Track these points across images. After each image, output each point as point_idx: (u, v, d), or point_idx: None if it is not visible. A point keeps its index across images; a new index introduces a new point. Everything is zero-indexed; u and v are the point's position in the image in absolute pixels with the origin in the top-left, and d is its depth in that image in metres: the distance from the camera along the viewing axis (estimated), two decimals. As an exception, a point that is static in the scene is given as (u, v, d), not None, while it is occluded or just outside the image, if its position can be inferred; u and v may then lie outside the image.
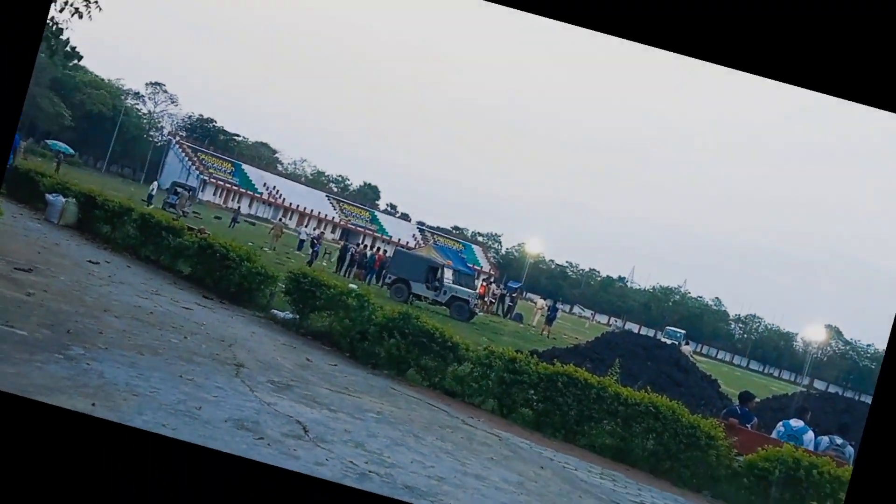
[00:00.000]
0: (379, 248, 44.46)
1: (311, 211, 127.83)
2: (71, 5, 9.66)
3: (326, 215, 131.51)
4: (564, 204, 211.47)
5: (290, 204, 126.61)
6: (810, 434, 11.42)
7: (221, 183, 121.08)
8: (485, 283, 49.30)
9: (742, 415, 12.07)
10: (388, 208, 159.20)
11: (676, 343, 46.21)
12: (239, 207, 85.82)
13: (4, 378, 5.87)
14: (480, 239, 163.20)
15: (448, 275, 33.29)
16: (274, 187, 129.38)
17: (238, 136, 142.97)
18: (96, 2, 9.88)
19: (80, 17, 9.71)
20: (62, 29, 9.83)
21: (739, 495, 9.91)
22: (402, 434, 8.03)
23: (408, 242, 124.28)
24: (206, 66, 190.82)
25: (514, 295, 49.20)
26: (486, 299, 42.70)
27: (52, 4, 9.62)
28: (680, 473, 10.14)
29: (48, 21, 9.67)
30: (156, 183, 54.81)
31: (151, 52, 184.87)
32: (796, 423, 11.65)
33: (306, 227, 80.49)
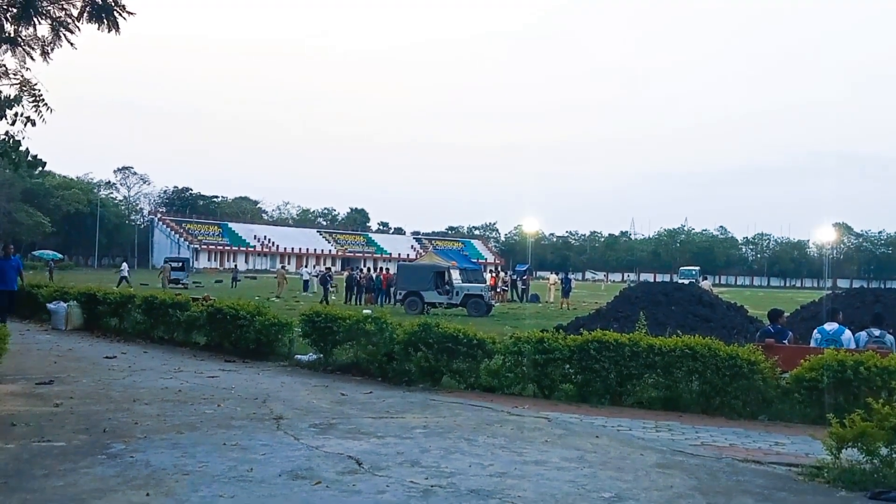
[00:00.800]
0: (382, 268, 44.43)
1: (307, 250, 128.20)
2: (22, 115, 9.63)
3: (322, 250, 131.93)
4: (547, 175, 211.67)
5: (285, 248, 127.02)
6: (847, 333, 11.43)
7: (213, 247, 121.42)
8: (493, 274, 49.33)
9: (776, 332, 12.08)
10: (381, 227, 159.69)
11: (694, 281, 46.36)
12: (236, 265, 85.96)
13: (55, 492, 5.87)
14: (477, 232, 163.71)
15: (455, 275, 33.32)
16: (265, 237, 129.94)
17: (217, 196, 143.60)
18: (45, 103, 9.84)
19: (34, 124, 9.68)
20: (19, 141, 9.77)
21: (795, 411, 9.91)
22: (453, 441, 8.02)
23: (408, 255, 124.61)
24: (165, 136, 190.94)
25: (524, 278, 49.22)
26: (498, 289, 42.73)
27: (3, 119, 9.58)
28: (732, 406, 10.12)
29: (3, 136, 9.67)
30: (125, 264, 55.08)
31: (112, 136, 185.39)
32: (830, 326, 11.67)
33: (306, 266, 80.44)
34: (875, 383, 8.97)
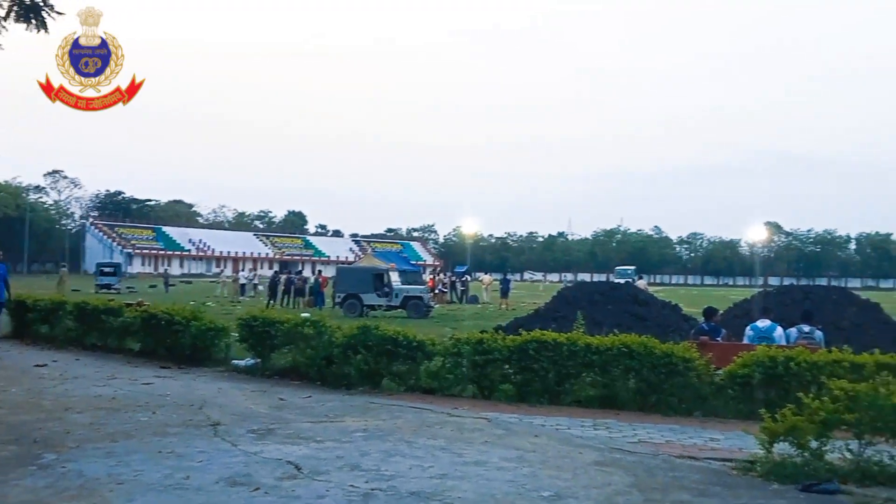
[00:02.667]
0: (321, 272, 44.13)
1: (244, 253, 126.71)
2: None
3: (259, 253, 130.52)
4: (486, 175, 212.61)
5: (221, 252, 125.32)
6: (779, 330, 11.72)
7: (147, 251, 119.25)
8: (431, 276, 49.40)
9: (710, 330, 12.33)
10: (319, 229, 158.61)
11: (630, 280, 46.95)
12: (166, 269, 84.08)
13: (-17, 506, 5.71)
14: (416, 234, 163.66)
15: (395, 277, 33.27)
16: (200, 240, 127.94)
17: (151, 200, 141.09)
18: None
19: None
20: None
21: (729, 407, 10.11)
22: (393, 444, 8.01)
23: (347, 257, 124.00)
24: (97, 139, 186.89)
25: (463, 279, 49.41)
26: (437, 291, 42.80)
27: None
28: (668, 403, 10.29)
29: None
30: (64, 269, 53.67)
31: (41, 139, 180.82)
32: (763, 323, 11.95)
33: (243, 270, 79.52)
34: (805, 378, 9.20)
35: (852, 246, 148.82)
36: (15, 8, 9.79)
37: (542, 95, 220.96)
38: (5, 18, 9.85)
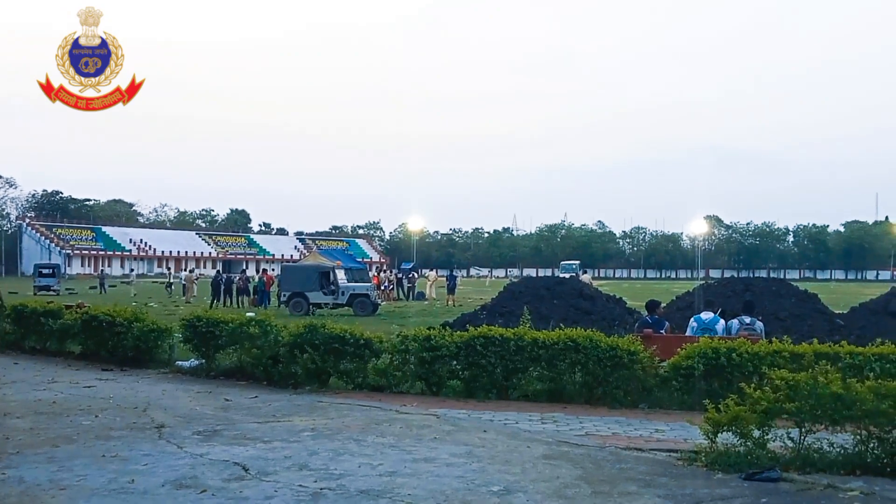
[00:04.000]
0: (266, 270, 43.74)
1: (186, 252, 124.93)
2: None
3: (202, 252, 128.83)
4: (431, 172, 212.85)
5: (163, 252, 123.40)
6: (721, 322, 11.94)
7: (86, 252, 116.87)
8: (376, 273, 49.29)
9: (654, 323, 12.51)
10: (263, 227, 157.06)
11: (575, 275, 47.42)
12: (102, 270, 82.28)
13: (-81, 516, 5.55)
14: (361, 231, 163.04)
15: (341, 275, 33.10)
16: (141, 240, 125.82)
17: (89, 199, 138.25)
18: None
19: None
20: None
21: (673, 398, 10.27)
22: (341, 443, 7.98)
23: (292, 256, 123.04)
24: (32, 136, 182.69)
25: (410, 276, 49.33)
26: (383, 288, 42.70)
27: None
28: (614, 395, 10.42)
29: None
30: None
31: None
32: (706, 315, 12.17)
33: (185, 270, 78.38)
34: (747, 369, 9.39)
35: (790, 238, 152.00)
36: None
37: (485, 89, 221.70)
38: None
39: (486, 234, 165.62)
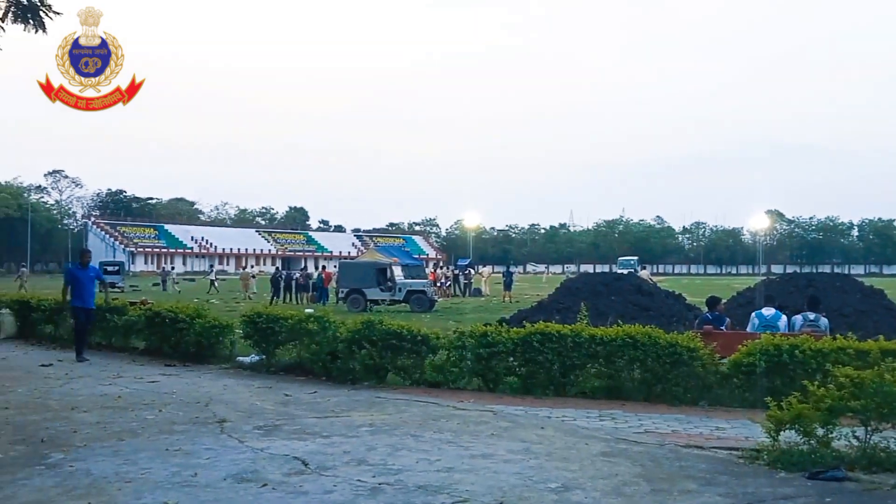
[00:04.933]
0: (324, 267, 44.13)
1: (246, 250, 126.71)
2: None
3: (262, 249, 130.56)
4: (487, 168, 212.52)
5: (223, 249, 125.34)
6: (783, 318, 11.72)
7: (149, 249, 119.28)
8: (433, 270, 49.39)
9: (714, 319, 12.33)
10: (321, 225, 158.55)
11: (633, 271, 46.99)
12: (163, 268, 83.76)
13: (-8, 506, 5.72)
14: (418, 228, 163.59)
15: (398, 272, 33.25)
16: (202, 238, 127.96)
17: (152, 198, 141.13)
18: None
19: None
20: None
21: (734, 395, 10.12)
22: (399, 438, 8.02)
23: (350, 252, 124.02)
24: (97, 137, 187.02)
25: (466, 272, 49.36)
26: (439, 284, 42.82)
27: None
28: (673, 393, 10.30)
29: None
30: (24, 269, 53.87)
31: (41, 139, 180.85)
32: (767, 311, 11.95)
33: (245, 267, 79.46)
34: (810, 366, 9.20)
35: (855, 233, 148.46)
36: (13, 9, 9.79)
37: (544, 90, 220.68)
38: (3, 19, 9.85)
39: (543, 230, 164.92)
